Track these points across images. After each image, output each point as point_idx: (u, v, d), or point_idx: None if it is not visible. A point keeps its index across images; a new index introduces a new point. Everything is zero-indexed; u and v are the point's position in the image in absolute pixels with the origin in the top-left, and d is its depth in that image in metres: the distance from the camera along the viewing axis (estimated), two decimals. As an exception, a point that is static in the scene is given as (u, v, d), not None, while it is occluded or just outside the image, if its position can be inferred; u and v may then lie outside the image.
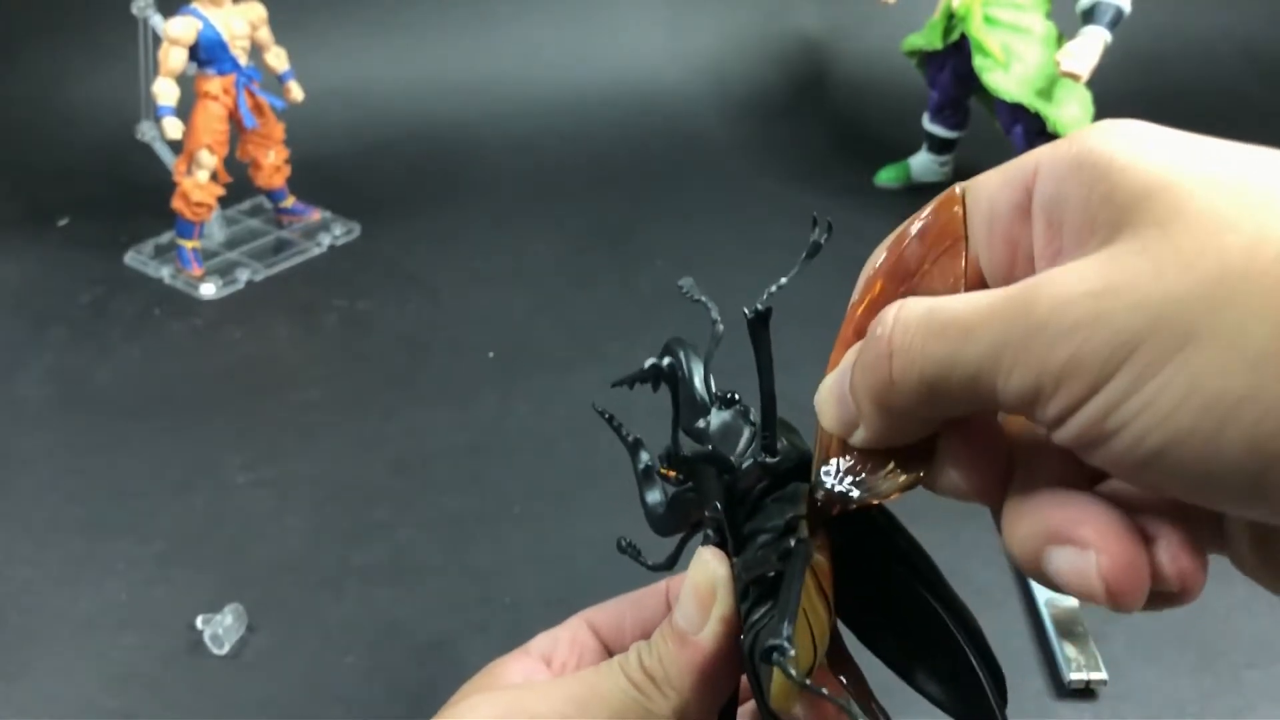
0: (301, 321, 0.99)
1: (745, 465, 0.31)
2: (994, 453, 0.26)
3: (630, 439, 0.38)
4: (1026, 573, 0.25)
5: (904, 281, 0.28)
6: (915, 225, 0.28)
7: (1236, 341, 0.20)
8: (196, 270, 1.04)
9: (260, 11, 1.04)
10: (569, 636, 0.38)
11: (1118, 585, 0.23)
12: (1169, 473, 0.21)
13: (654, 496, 0.37)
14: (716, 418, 0.33)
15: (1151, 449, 0.21)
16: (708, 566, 0.32)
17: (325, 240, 1.10)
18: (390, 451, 0.82)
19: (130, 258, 1.07)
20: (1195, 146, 0.23)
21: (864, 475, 0.28)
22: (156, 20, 1.02)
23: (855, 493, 0.28)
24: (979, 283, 0.27)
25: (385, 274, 1.06)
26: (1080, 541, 0.23)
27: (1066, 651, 0.62)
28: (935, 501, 0.28)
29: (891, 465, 0.27)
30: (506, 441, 0.82)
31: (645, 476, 0.38)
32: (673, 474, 0.35)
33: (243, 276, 1.04)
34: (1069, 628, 0.64)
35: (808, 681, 0.26)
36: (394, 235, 1.12)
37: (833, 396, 0.28)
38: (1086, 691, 0.62)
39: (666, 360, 0.35)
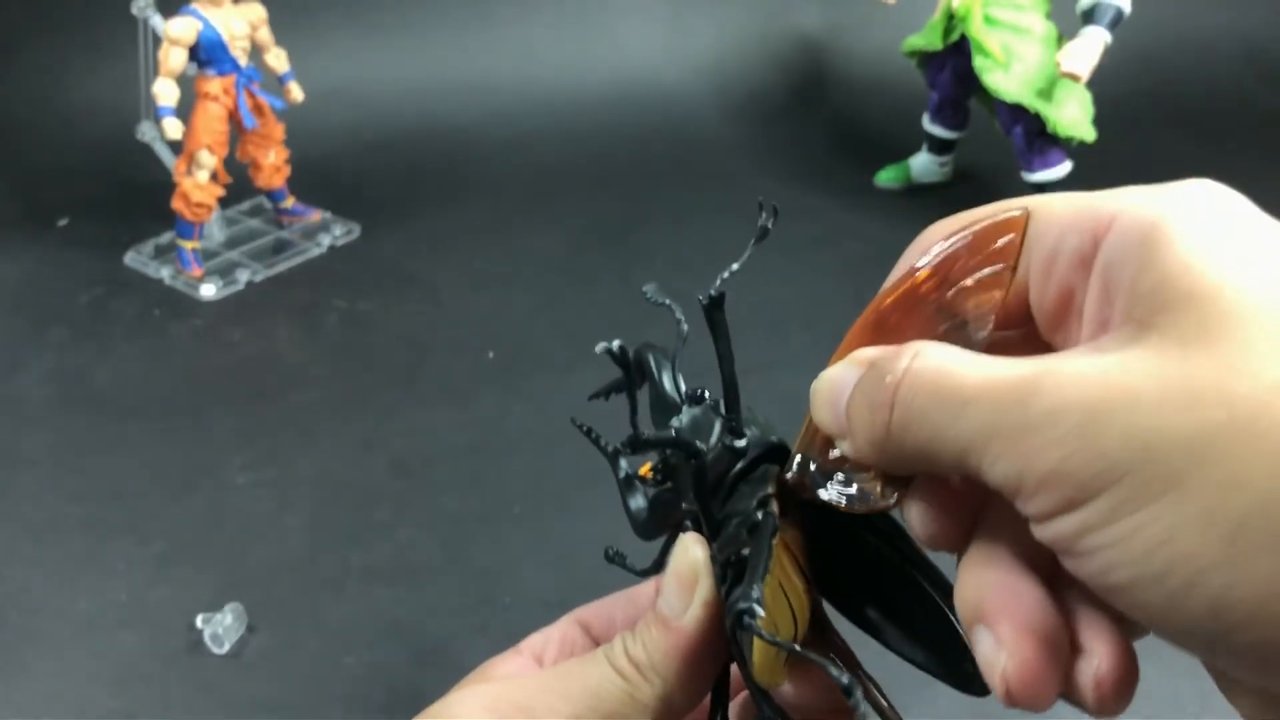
0: (301, 322, 0.99)
1: (712, 449, 0.32)
2: (962, 508, 0.26)
3: (610, 449, 0.39)
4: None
5: (942, 287, 0.28)
6: (972, 229, 0.27)
7: (1218, 505, 0.19)
8: (196, 271, 1.04)
9: (260, 12, 1.04)
10: (560, 635, 0.38)
11: (1017, 692, 0.23)
12: (1132, 604, 0.21)
13: (637, 503, 0.38)
14: (687, 414, 0.34)
15: (1117, 582, 0.21)
16: (689, 551, 0.32)
17: (325, 240, 1.10)
18: (390, 451, 0.82)
19: (130, 258, 1.07)
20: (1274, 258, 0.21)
21: (840, 475, 0.28)
22: (156, 21, 1.02)
23: (827, 494, 0.28)
24: (1020, 313, 0.26)
25: (385, 274, 1.06)
26: (997, 635, 0.23)
27: (1066, 652, 0.62)
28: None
29: (870, 476, 0.27)
30: (506, 441, 0.82)
31: (627, 485, 0.39)
32: (651, 475, 0.35)
33: (243, 277, 1.04)
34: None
35: (785, 642, 0.27)
36: (394, 235, 1.12)
37: (828, 401, 0.27)
38: (1086, 692, 0.62)
39: (634, 357, 0.36)
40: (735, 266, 0.35)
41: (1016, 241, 0.26)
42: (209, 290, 1.02)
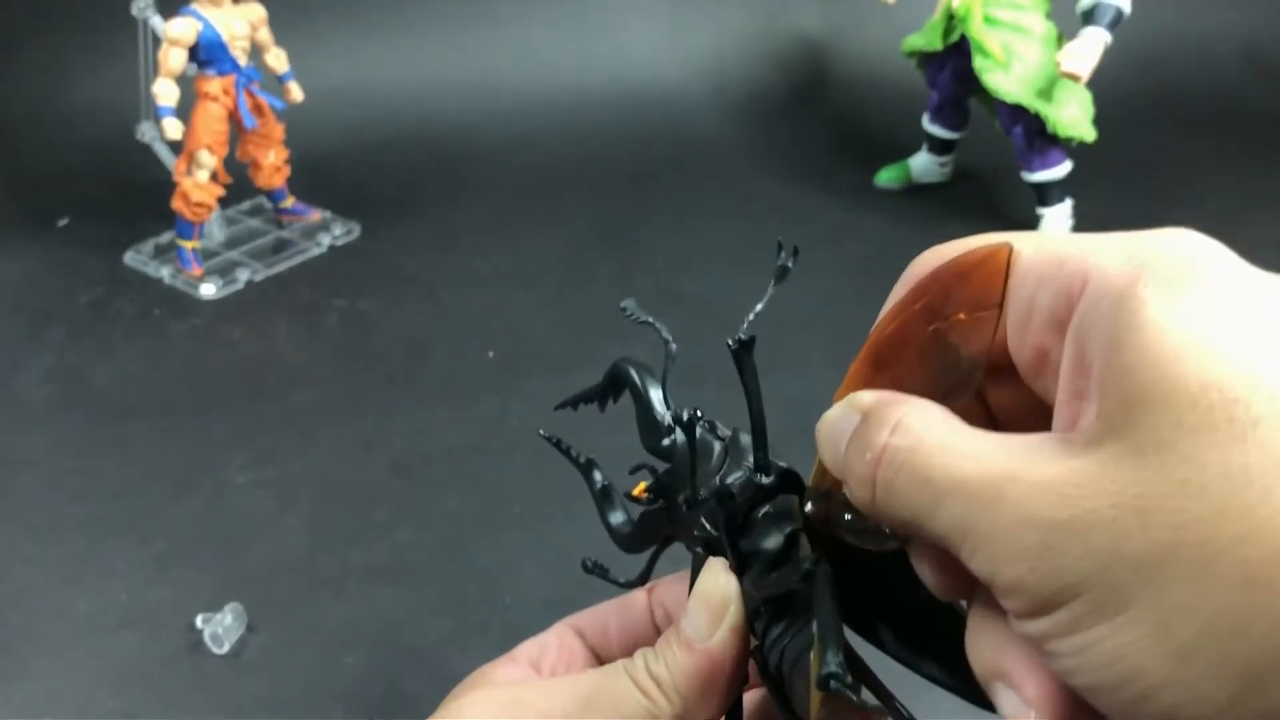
0: (301, 321, 0.99)
1: (739, 485, 0.32)
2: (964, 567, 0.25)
3: (582, 460, 0.39)
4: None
5: (935, 319, 0.27)
6: (958, 262, 0.27)
7: (1168, 627, 0.20)
8: (196, 270, 1.04)
9: (260, 12, 1.04)
10: (556, 642, 0.38)
11: None
12: (1095, 703, 0.22)
13: (617, 516, 0.38)
14: (682, 437, 0.35)
15: (1080, 684, 0.21)
16: (719, 579, 0.32)
17: (325, 240, 1.10)
18: (390, 451, 0.82)
19: (130, 258, 1.07)
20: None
21: (850, 514, 0.28)
22: (156, 21, 1.02)
23: (843, 530, 0.29)
24: (1006, 356, 0.26)
25: (385, 274, 1.06)
26: (1024, 696, 0.24)
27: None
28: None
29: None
30: (506, 441, 0.82)
31: (603, 496, 0.39)
32: (645, 495, 0.36)
33: (243, 276, 1.04)
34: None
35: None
36: (394, 235, 1.12)
37: (829, 444, 0.27)
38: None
39: (624, 376, 0.36)
40: (759, 308, 0.35)
41: (1000, 281, 0.26)
42: (209, 290, 1.02)
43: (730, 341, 0.30)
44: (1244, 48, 1.43)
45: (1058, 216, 1.07)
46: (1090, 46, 0.98)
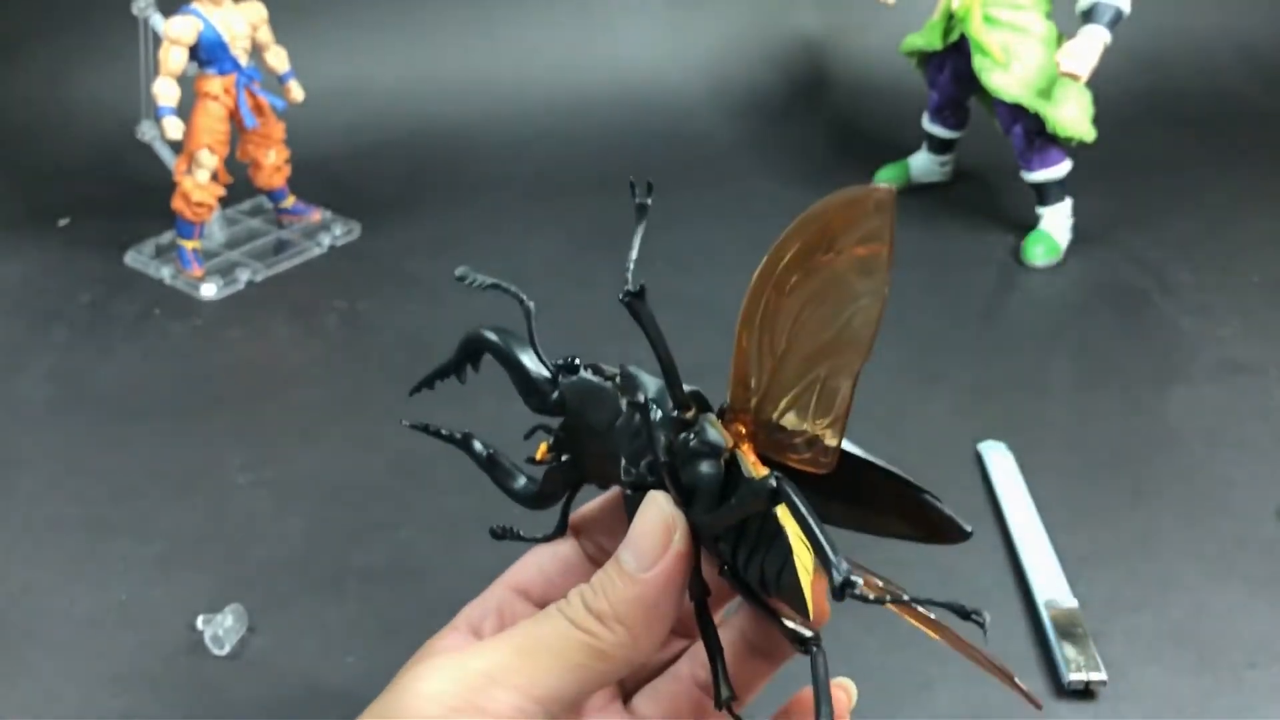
0: (301, 321, 0.99)
1: (659, 420, 0.34)
2: None
3: (458, 436, 0.40)
4: None
5: (826, 251, 0.29)
6: (843, 196, 0.29)
7: None
8: (197, 270, 1.04)
9: (261, 11, 1.04)
10: (496, 605, 0.39)
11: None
12: None
13: (518, 481, 0.40)
14: (568, 385, 0.36)
15: None
16: (663, 509, 0.33)
17: (325, 240, 1.10)
18: (390, 451, 0.82)
19: (130, 258, 1.07)
20: None
21: (781, 429, 0.32)
22: (156, 20, 1.02)
23: (772, 448, 0.32)
24: None
25: (385, 274, 1.06)
26: None
27: (1066, 652, 0.62)
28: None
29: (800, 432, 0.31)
30: (507, 441, 0.82)
31: (492, 465, 0.40)
32: (549, 455, 0.37)
33: (243, 277, 1.04)
34: (1068, 628, 0.64)
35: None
36: (394, 235, 1.12)
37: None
38: (1086, 692, 0.62)
39: (481, 341, 0.38)
40: (635, 255, 0.37)
41: (889, 218, 0.28)
42: (209, 290, 1.02)
43: (621, 296, 0.32)
44: (1244, 48, 1.43)
45: (1057, 216, 1.07)
46: (1090, 46, 0.98)
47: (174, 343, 0.96)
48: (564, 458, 0.37)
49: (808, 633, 0.30)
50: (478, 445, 0.41)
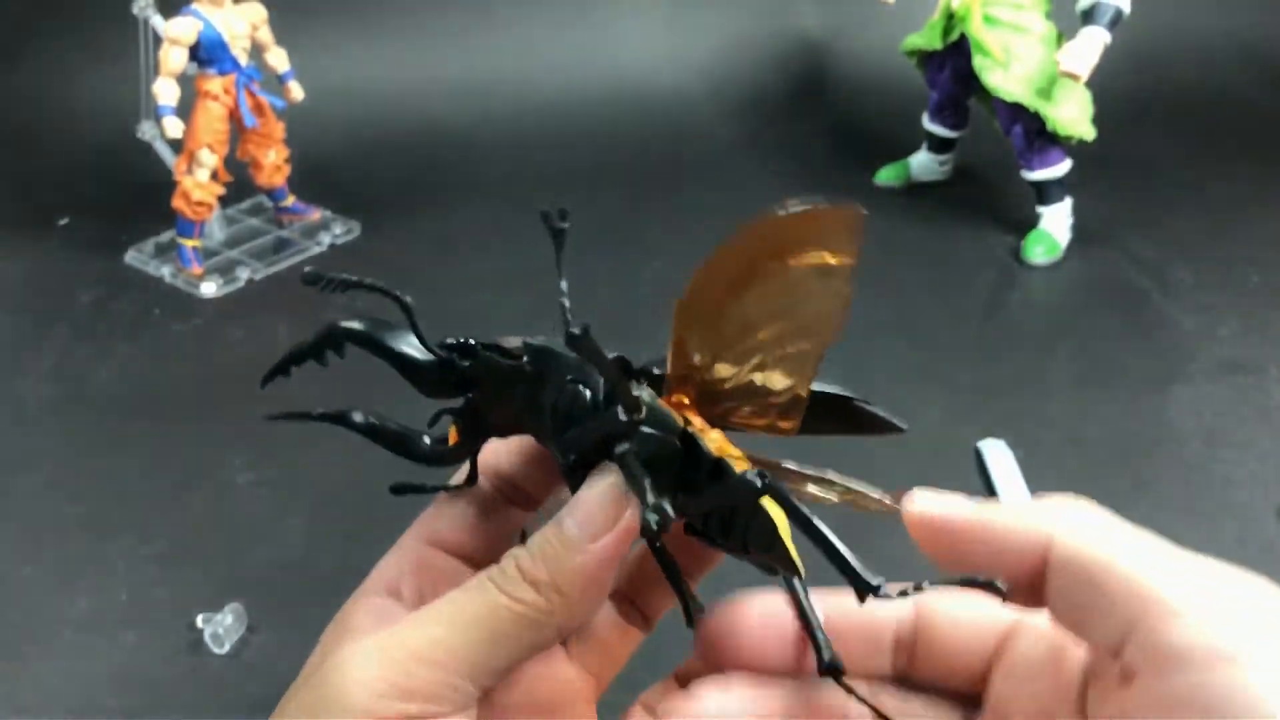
0: (301, 320, 0.99)
1: (594, 401, 0.34)
2: None
3: (333, 412, 0.39)
4: None
5: (784, 254, 0.30)
6: (811, 209, 0.30)
7: None
8: (197, 269, 1.04)
9: (260, 11, 1.04)
10: (413, 561, 0.37)
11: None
12: None
13: (415, 442, 0.39)
14: (470, 369, 0.36)
15: None
16: (617, 483, 0.32)
17: (325, 239, 1.10)
18: (392, 453, 0.81)
19: (131, 257, 1.07)
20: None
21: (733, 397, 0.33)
22: (157, 20, 1.02)
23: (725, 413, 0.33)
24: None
25: (385, 274, 1.05)
26: None
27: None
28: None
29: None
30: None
31: (377, 433, 0.40)
32: (459, 434, 0.37)
33: (243, 275, 1.04)
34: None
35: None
36: (394, 235, 1.12)
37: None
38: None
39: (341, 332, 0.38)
40: (564, 284, 0.38)
41: (857, 239, 0.28)
42: (209, 289, 1.02)
43: (576, 331, 0.32)
44: (1244, 48, 1.43)
45: (1057, 215, 1.07)
46: (1089, 46, 0.98)
47: (174, 342, 0.96)
48: (478, 435, 0.37)
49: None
50: (357, 416, 0.40)
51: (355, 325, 0.38)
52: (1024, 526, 0.28)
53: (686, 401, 0.33)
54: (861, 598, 0.29)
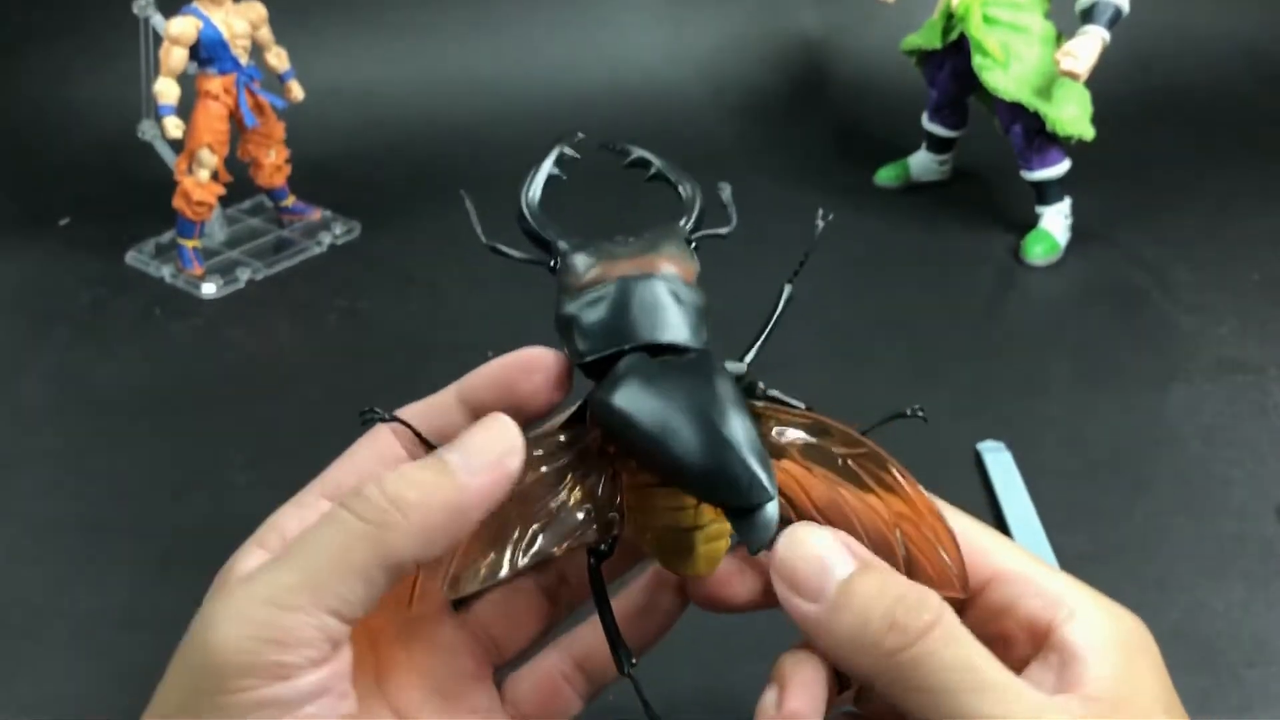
0: (302, 321, 0.99)
1: None
2: None
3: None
4: None
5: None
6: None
7: None
8: (197, 269, 1.04)
9: (261, 11, 1.04)
10: (312, 517, 0.35)
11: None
12: None
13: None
14: None
15: None
16: (508, 427, 0.33)
17: (326, 239, 1.10)
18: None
19: (131, 257, 1.07)
20: None
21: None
22: (157, 20, 1.02)
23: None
24: None
25: (385, 273, 1.06)
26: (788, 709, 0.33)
27: (1065, 651, 0.62)
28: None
29: None
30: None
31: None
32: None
33: (243, 275, 1.04)
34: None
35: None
36: (394, 235, 1.12)
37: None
38: (1085, 691, 0.62)
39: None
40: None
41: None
42: (210, 289, 1.02)
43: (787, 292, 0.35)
44: (1244, 48, 1.43)
45: (1057, 215, 1.07)
46: (1089, 45, 0.98)
47: (174, 342, 0.96)
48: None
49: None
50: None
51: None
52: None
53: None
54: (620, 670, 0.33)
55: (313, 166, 1.16)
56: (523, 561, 0.32)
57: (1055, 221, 1.07)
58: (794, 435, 0.35)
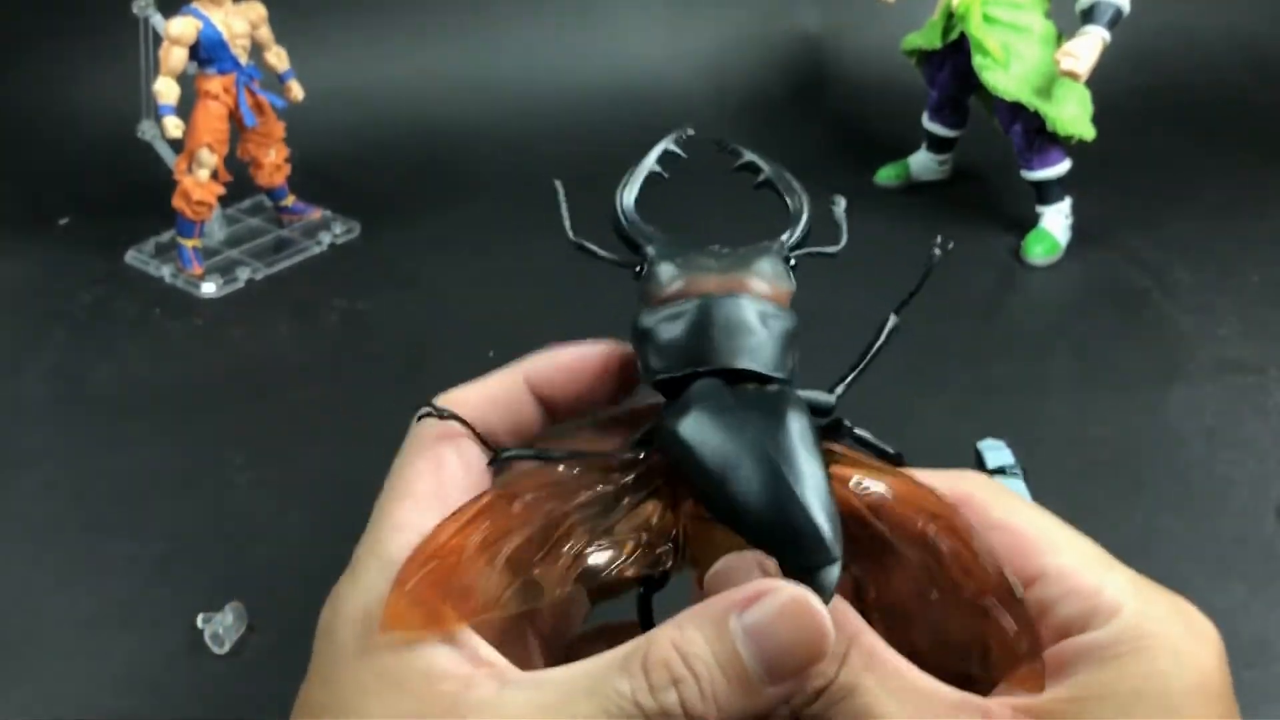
0: (302, 320, 0.99)
1: None
2: None
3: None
4: None
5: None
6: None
7: None
8: (197, 269, 1.04)
9: (260, 11, 1.04)
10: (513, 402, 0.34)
11: None
12: None
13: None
14: None
15: None
16: (817, 607, 0.26)
17: (325, 239, 1.10)
18: (391, 450, 0.81)
19: (131, 257, 1.07)
20: None
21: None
22: (157, 20, 1.02)
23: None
24: None
25: (385, 273, 1.06)
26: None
27: (1066, 651, 0.62)
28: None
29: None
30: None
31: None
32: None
33: (243, 275, 1.04)
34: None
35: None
36: (394, 234, 1.12)
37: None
38: (1086, 691, 0.61)
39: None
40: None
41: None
42: (210, 288, 1.02)
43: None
44: (1244, 48, 1.43)
45: (1057, 215, 1.07)
46: (1089, 45, 0.98)
47: (174, 342, 0.96)
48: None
49: None
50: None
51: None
52: None
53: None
54: None
55: (313, 166, 1.16)
56: (569, 585, 0.30)
57: (1056, 221, 1.06)
58: (876, 490, 0.31)
